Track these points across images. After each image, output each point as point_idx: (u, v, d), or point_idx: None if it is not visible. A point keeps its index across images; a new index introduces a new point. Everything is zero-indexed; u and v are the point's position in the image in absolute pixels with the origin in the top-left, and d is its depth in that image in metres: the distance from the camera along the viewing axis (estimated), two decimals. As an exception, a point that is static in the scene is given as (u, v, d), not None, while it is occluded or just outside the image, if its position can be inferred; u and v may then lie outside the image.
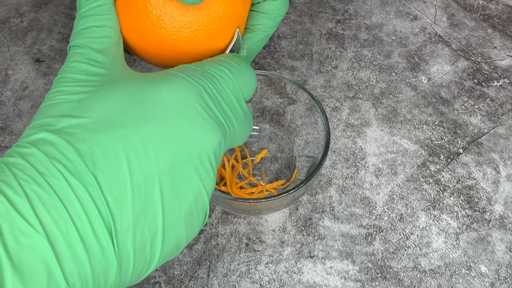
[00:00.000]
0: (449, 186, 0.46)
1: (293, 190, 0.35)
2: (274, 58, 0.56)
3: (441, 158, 0.48)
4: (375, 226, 0.43)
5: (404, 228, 0.43)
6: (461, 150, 0.48)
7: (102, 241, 0.18)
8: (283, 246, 0.42)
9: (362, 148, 0.48)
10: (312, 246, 0.42)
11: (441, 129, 0.50)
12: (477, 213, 0.44)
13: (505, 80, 0.54)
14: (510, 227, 0.43)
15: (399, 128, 0.50)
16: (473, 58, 0.56)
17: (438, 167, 0.47)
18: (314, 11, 0.61)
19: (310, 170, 0.40)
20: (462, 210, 0.44)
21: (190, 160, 0.21)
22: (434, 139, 0.49)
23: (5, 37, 0.57)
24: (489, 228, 0.43)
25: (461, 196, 0.45)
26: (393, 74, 0.55)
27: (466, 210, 0.44)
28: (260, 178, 0.45)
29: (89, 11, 0.24)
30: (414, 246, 0.42)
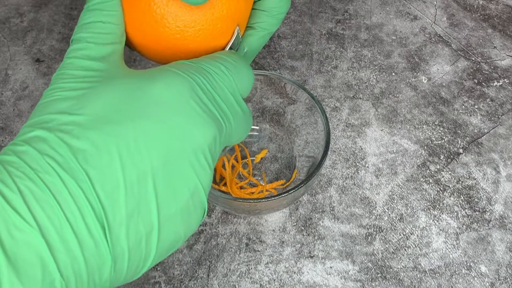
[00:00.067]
0: (449, 186, 0.46)
1: (293, 190, 0.35)
2: (274, 58, 0.56)
3: (441, 158, 0.48)
4: (375, 226, 0.43)
5: (404, 228, 0.43)
6: (461, 150, 0.48)
7: (96, 236, 0.18)
8: (283, 246, 0.42)
9: (362, 148, 0.48)
10: (312, 246, 0.42)
11: (441, 129, 0.50)
12: (477, 213, 0.44)
13: (505, 80, 0.54)
14: (510, 227, 0.43)
15: (399, 128, 0.50)
16: (473, 58, 0.56)
17: (438, 167, 0.47)
18: (314, 11, 0.61)
19: (310, 170, 0.40)
20: (462, 210, 0.44)
21: (185, 156, 0.21)
22: (434, 139, 0.49)
23: (5, 37, 0.58)
24: (489, 228, 0.43)
25: (461, 196, 0.45)
26: (393, 74, 0.55)
27: (466, 210, 0.44)
28: (260, 178, 0.45)
29: (96, 5, 0.24)
30: (414, 246, 0.42)
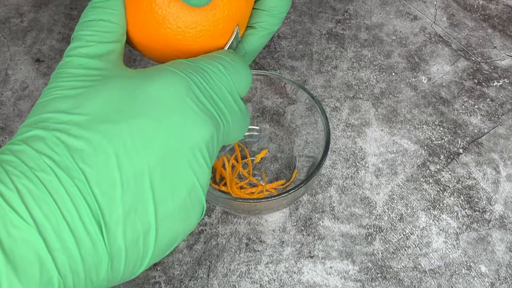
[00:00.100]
0: (449, 186, 0.46)
1: (293, 190, 0.35)
2: (274, 58, 0.56)
3: (441, 158, 0.48)
4: (375, 226, 0.43)
5: (404, 228, 0.43)
6: (461, 150, 0.48)
7: (92, 234, 0.18)
8: (283, 246, 0.42)
9: (362, 148, 0.48)
10: (312, 246, 0.42)
11: (441, 129, 0.50)
12: (477, 213, 0.44)
13: (505, 80, 0.54)
14: (510, 227, 0.43)
15: (399, 128, 0.50)
16: (473, 58, 0.56)
17: (438, 167, 0.47)
18: (314, 11, 0.61)
19: (310, 170, 0.40)
20: (462, 210, 0.44)
21: (182, 153, 0.21)
22: (434, 139, 0.49)
23: (5, 37, 0.58)
24: (489, 228, 0.43)
25: (461, 196, 0.45)
26: (393, 74, 0.55)
27: (466, 210, 0.44)
28: (260, 178, 0.45)
29: (99, 3, 0.24)
30: (414, 246, 0.42)
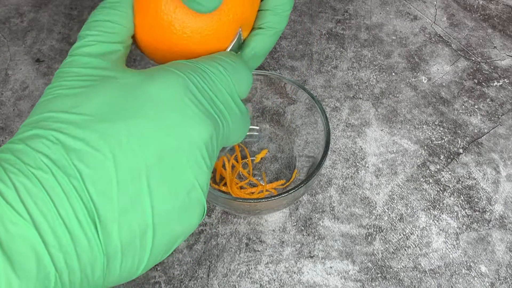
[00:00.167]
0: (449, 186, 0.46)
1: (293, 190, 0.35)
2: (274, 58, 0.56)
3: (441, 158, 0.48)
4: (375, 226, 0.43)
5: (404, 228, 0.43)
6: (461, 150, 0.48)
7: (87, 231, 0.18)
8: (283, 246, 0.42)
9: (362, 148, 0.48)
10: (312, 246, 0.42)
11: (441, 129, 0.50)
12: (477, 213, 0.44)
13: (505, 80, 0.54)
14: (510, 227, 0.43)
15: (399, 128, 0.50)
16: (473, 58, 0.56)
17: (438, 167, 0.47)
18: (314, 11, 0.61)
19: (310, 170, 0.40)
20: (462, 210, 0.44)
21: (180, 153, 0.21)
22: (434, 139, 0.49)
23: (5, 37, 0.58)
24: (489, 228, 0.43)
25: (461, 196, 0.45)
26: (393, 74, 0.55)
27: (466, 210, 0.44)
28: (260, 178, 0.45)
29: (108, 4, 0.24)
30: (414, 246, 0.42)
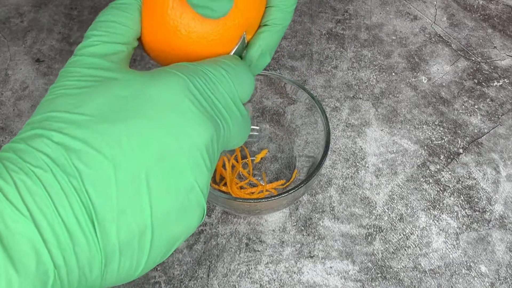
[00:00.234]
0: (449, 186, 0.46)
1: (293, 190, 0.35)
2: (274, 58, 0.56)
3: (441, 158, 0.48)
4: (375, 226, 0.43)
5: (404, 228, 0.43)
6: (461, 150, 0.48)
7: (85, 230, 0.19)
8: (283, 246, 0.42)
9: (362, 148, 0.48)
10: (312, 246, 0.42)
11: (441, 129, 0.50)
12: (477, 213, 0.44)
13: (505, 80, 0.54)
14: (510, 227, 0.43)
15: (399, 128, 0.50)
16: (473, 58, 0.56)
17: (438, 167, 0.47)
18: (314, 11, 0.61)
19: (310, 170, 0.40)
20: (462, 210, 0.44)
21: (181, 154, 0.21)
22: (434, 139, 0.49)
23: (5, 37, 0.57)
24: (489, 228, 0.43)
25: (461, 196, 0.45)
26: (393, 74, 0.55)
27: (466, 210, 0.44)
28: (260, 178, 0.45)
29: (116, 5, 0.25)
30: (414, 246, 0.42)
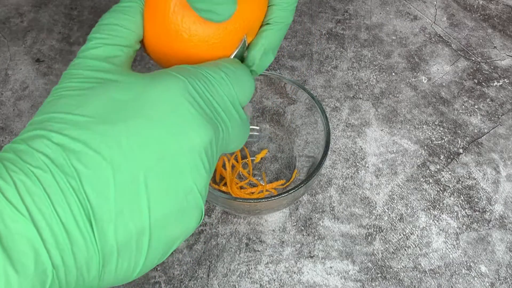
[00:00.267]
0: (449, 186, 0.46)
1: (293, 190, 0.35)
2: (274, 58, 0.55)
3: (441, 158, 0.48)
4: (375, 226, 0.43)
5: (404, 228, 0.43)
6: (461, 150, 0.48)
7: (83, 230, 0.19)
8: (283, 246, 0.42)
9: (362, 148, 0.48)
10: (312, 246, 0.42)
11: (441, 129, 0.50)
12: (477, 213, 0.44)
13: (505, 80, 0.54)
14: (510, 227, 0.43)
15: (399, 128, 0.50)
16: (473, 58, 0.56)
17: (438, 167, 0.47)
18: (314, 11, 0.61)
19: (310, 170, 0.40)
20: (462, 210, 0.44)
21: (179, 156, 0.21)
22: (434, 139, 0.49)
23: (5, 37, 0.57)
24: (489, 228, 0.43)
25: (461, 196, 0.45)
26: (393, 74, 0.55)
27: (466, 210, 0.44)
28: (260, 178, 0.45)
29: (119, 8, 0.25)
30: (414, 246, 0.42)
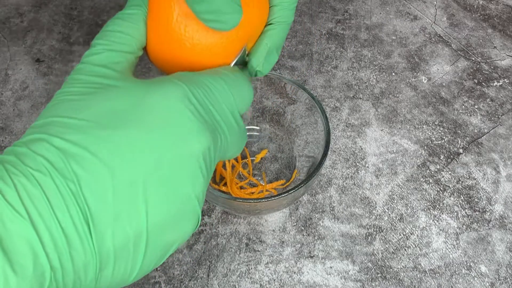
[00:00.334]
0: (449, 186, 0.46)
1: (293, 190, 0.35)
2: (274, 58, 0.56)
3: (441, 158, 0.48)
4: (375, 226, 0.43)
5: (404, 228, 0.43)
6: (461, 150, 0.48)
7: (81, 233, 0.19)
8: (283, 246, 0.42)
9: (362, 148, 0.48)
10: (312, 246, 0.42)
11: (441, 129, 0.50)
12: (477, 213, 0.44)
13: (505, 80, 0.54)
14: (510, 227, 0.43)
15: (399, 128, 0.50)
16: (473, 58, 0.56)
17: (438, 167, 0.47)
18: (314, 11, 0.61)
19: (310, 170, 0.40)
20: (462, 210, 0.44)
21: (178, 161, 0.21)
22: (434, 139, 0.49)
23: (5, 37, 0.57)
24: (489, 228, 0.43)
25: (461, 196, 0.45)
26: (393, 74, 0.55)
27: (466, 210, 0.44)
28: (260, 178, 0.45)
29: (122, 15, 0.25)
30: (414, 246, 0.42)
